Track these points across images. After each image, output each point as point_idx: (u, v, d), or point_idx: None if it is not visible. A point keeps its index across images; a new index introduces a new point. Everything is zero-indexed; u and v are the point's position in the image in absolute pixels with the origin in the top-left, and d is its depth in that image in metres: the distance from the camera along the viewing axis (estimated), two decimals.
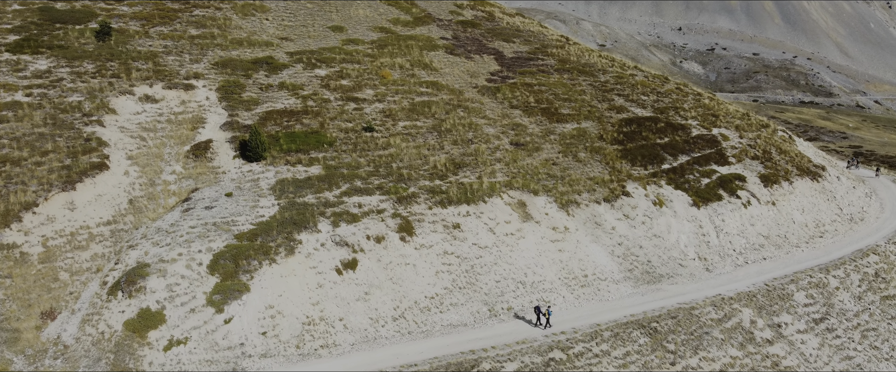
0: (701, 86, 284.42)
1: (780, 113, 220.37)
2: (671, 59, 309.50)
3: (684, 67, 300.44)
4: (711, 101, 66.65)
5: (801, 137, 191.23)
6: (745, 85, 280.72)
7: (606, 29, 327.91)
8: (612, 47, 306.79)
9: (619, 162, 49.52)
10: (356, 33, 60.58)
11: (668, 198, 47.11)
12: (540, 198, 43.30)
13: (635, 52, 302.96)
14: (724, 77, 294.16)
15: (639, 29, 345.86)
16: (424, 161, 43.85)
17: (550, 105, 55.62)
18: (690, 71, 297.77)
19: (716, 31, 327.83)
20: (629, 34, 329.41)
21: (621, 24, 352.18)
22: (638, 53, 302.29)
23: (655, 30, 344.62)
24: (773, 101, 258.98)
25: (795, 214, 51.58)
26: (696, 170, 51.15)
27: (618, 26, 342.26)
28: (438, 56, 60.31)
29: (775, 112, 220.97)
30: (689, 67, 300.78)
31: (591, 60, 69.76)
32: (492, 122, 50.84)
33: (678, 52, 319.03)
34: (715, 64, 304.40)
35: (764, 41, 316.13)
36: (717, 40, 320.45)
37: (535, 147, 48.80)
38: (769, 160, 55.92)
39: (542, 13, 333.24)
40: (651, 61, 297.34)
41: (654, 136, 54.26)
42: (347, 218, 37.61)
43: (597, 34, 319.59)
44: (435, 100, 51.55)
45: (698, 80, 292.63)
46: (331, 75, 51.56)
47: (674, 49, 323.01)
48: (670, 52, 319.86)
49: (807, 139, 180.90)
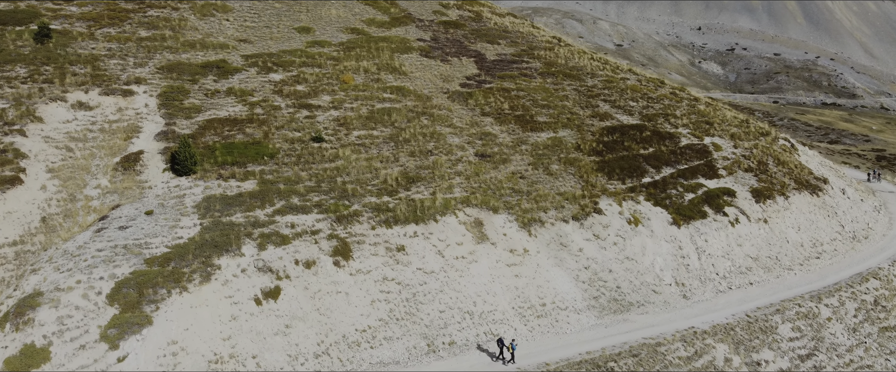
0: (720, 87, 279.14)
1: (800, 114, 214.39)
2: (690, 59, 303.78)
3: (703, 68, 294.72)
4: (707, 107, 62.27)
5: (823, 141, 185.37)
6: (766, 86, 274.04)
7: (624, 28, 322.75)
8: (630, 47, 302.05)
9: (595, 175, 45.49)
10: (324, 35, 57.10)
11: (646, 215, 43.01)
12: (499, 216, 39.45)
13: (653, 52, 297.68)
14: (744, 78, 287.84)
15: (657, 28, 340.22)
16: (374, 175, 40.21)
17: (526, 112, 51.70)
18: (709, 71, 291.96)
19: (736, 31, 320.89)
20: (647, 34, 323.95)
21: (639, 23, 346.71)
22: (656, 53, 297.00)
23: (674, 29, 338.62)
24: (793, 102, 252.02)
25: (790, 232, 47.19)
26: (681, 184, 46.96)
27: (636, 26, 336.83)
28: (411, 59, 56.63)
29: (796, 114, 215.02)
30: (708, 68, 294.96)
31: (581, 63, 65.69)
32: (458, 131, 47.07)
33: (697, 53, 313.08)
34: (734, 64, 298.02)
35: (786, 41, 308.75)
36: (738, 40, 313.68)
37: (502, 159, 44.95)
38: (764, 172, 51.53)
39: (559, 13, 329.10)
40: (669, 61, 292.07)
41: (637, 147, 50.13)
42: (276, 240, 34.07)
43: (614, 34, 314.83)
44: (397, 107, 47.87)
45: (717, 80, 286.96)
46: (286, 80, 48.10)
47: (693, 49, 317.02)
48: (689, 52, 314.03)
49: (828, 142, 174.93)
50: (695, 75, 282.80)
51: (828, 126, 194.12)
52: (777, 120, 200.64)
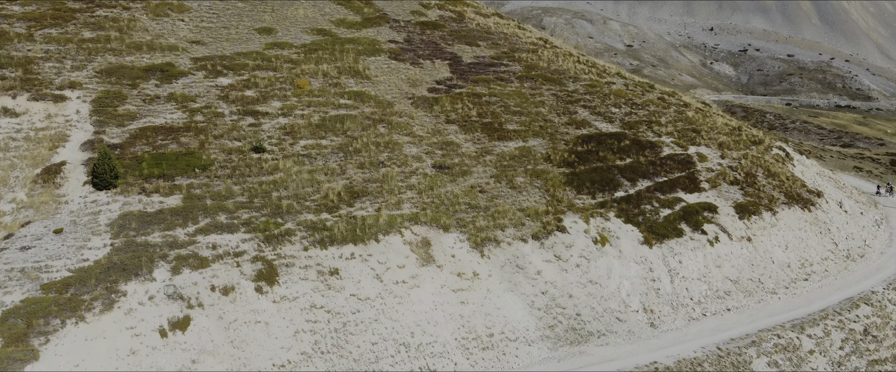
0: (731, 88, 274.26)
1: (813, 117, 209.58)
2: (701, 60, 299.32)
3: (715, 69, 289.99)
4: (697, 114, 58.59)
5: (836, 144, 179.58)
6: (778, 88, 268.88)
7: (635, 29, 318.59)
8: (640, 48, 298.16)
9: (563, 189, 42.05)
10: (286, 36, 53.99)
11: (615, 234, 39.52)
12: (450, 235, 36.13)
13: (664, 52, 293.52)
14: (756, 79, 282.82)
15: (669, 29, 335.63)
16: (316, 189, 37.02)
17: (496, 119, 48.33)
18: (721, 73, 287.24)
19: (749, 32, 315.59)
20: (658, 34, 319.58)
21: (651, 23, 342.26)
22: (666, 54, 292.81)
23: (686, 30, 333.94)
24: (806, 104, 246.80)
25: (776, 251, 43.51)
26: (657, 198, 43.41)
27: (647, 26, 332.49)
28: (378, 62, 53.41)
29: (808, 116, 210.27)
30: (719, 69, 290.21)
31: (565, 66, 62.19)
32: (417, 140, 43.79)
33: (709, 53, 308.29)
34: (747, 65, 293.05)
35: (799, 42, 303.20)
36: (750, 41, 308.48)
37: (462, 171, 41.63)
38: (752, 185, 47.86)
39: (569, 13, 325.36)
40: (680, 62, 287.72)
41: (613, 157, 46.62)
42: (194, 263, 30.96)
43: (624, 34, 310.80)
44: (353, 114, 44.66)
45: (729, 82, 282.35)
46: (235, 85, 45.03)
47: (704, 50, 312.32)
48: (701, 53, 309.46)
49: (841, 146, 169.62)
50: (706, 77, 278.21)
51: (841, 129, 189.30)
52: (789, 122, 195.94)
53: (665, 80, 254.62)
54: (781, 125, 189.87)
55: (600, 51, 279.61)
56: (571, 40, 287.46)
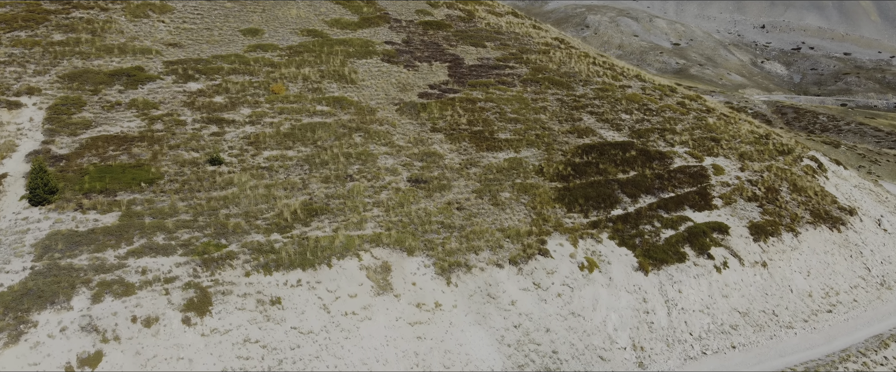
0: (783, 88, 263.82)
1: (870, 118, 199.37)
2: (751, 58, 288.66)
3: (765, 68, 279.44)
4: (719, 120, 53.66)
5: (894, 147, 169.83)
6: (833, 87, 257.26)
7: (682, 27, 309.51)
8: (687, 46, 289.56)
9: (552, 206, 37.98)
10: (273, 38, 51.04)
11: (606, 258, 35.30)
12: (414, 259, 32.47)
13: (712, 51, 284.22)
14: (810, 79, 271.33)
15: (717, 27, 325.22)
16: (271, 206, 33.80)
17: (487, 127, 44.46)
18: (772, 72, 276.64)
19: (803, 29, 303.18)
20: (707, 32, 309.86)
21: (699, 21, 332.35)
22: (715, 53, 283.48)
23: (736, 28, 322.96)
24: (863, 105, 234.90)
25: (796, 278, 38.65)
26: (660, 217, 38.99)
27: (695, 24, 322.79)
28: (368, 65, 50.02)
29: (865, 118, 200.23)
30: (770, 68, 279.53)
31: (577, 68, 57.88)
32: (396, 151, 40.25)
33: (759, 52, 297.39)
34: (800, 64, 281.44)
35: (857, 40, 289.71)
36: (804, 39, 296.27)
37: (441, 185, 37.93)
38: (773, 202, 42.98)
39: (614, 10, 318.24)
40: (729, 61, 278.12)
41: (614, 170, 42.31)
42: (118, 289, 28.03)
43: (671, 32, 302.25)
44: (328, 122, 41.36)
45: (781, 81, 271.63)
46: (205, 90, 42.18)
47: (755, 48, 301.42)
48: (751, 51, 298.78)
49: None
50: (756, 76, 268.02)
51: None
52: (843, 124, 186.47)
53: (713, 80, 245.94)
54: (835, 127, 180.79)
55: (646, 49, 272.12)
56: (616, 39, 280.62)
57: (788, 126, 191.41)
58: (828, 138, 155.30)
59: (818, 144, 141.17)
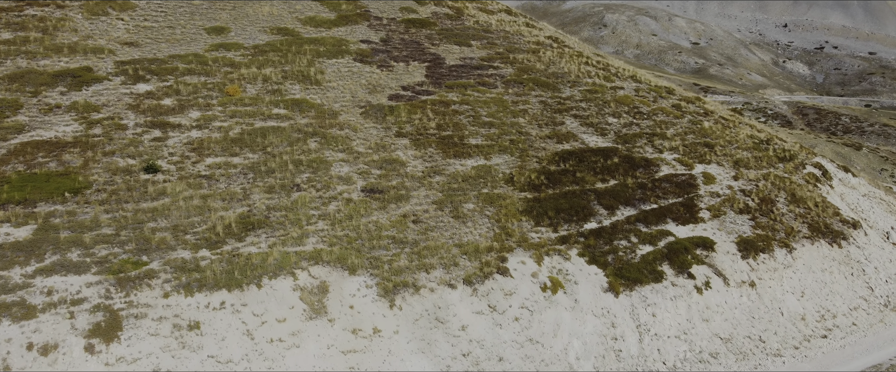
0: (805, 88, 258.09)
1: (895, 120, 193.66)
2: (773, 58, 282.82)
3: (787, 68, 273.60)
4: (716, 124, 50.16)
5: None
6: (857, 88, 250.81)
7: (701, 26, 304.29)
8: (707, 46, 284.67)
9: (518, 219, 34.87)
10: (240, 36, 48.43)
11: (573, 278, 32.11)
12: (356, 278, 29.55)
13: (732, 50, 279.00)
14: (833, 79, 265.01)
15: (738, 26, 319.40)
16: (204, 218, 31.07)
17: (458, 132, 41.45)
18: (794, 72, 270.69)
19: (826, 28, 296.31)
20: (727, 31, 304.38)
21: (719, 20, 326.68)
22: (735, 52, 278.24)
23: (757, 27, 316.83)
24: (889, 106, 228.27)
25: (788, 300, 35.19)
26: (638, 232, 35.70)
27: (715, 23, 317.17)
28: (338, 65, 47.22)
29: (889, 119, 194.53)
30: (792, 68, 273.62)
31: (566, 68, 54.65)
32: (354, 158, 37.37)
33: (781, 51, 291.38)
34: (823, 64, 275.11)
35: (883, 39, 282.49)
36: (828, 38, 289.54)
37: (398, 195, 34.98)
38: (767, 214, 39.51)
39: (633, 9, 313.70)
40: (750, 61, 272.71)
41: (593, 179, 39.09)
42: (18, 312, 25.42)
43: (690, 31, 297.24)
44: (283, 126, 38.60)
45: (803, 81, 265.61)
46: (155, 92, 39.62)
47: (777, 48, 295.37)
48: (773, 50, 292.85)
49: None
50: (777, 76, 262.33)
51: None
52: (867, 125, 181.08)
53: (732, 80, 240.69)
54: (858, 128, 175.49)
55: (664, 49, 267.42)
56: (634, 38, 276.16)
57: (809, 127, 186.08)
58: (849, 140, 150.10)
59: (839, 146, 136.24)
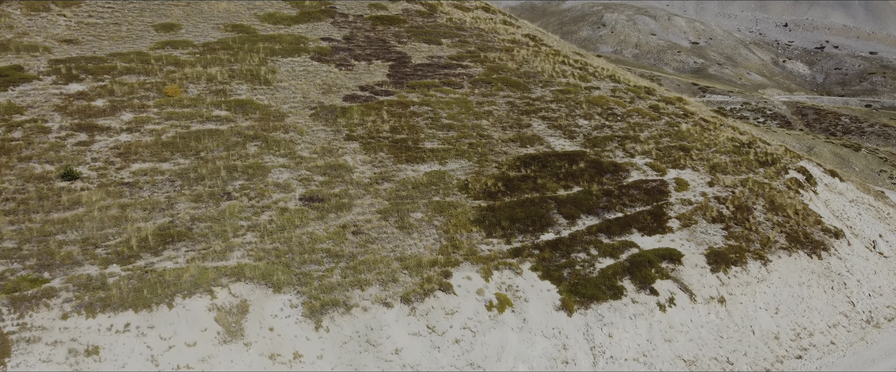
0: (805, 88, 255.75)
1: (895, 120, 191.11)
2: (773, 58, 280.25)
3: (787, 67, 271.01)
4: (694, 127, 47.55)
5: None
6: (858, 88, 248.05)
7: (701, 25, 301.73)
8: (706, 45, 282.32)
9: (468, 229, 32.28)
10: (191, 34, 45.93)
11: (523, 295, 29.53)
12: (281, 297, 27.00)
13: (732, 50, 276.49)
14: (834, 78, 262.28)
15: (739, 25, 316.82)
16: (120, 231, 28.54)
17: (413, 135, 38.89)
18: (794, 71, 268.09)
19: (827, 28, 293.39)
20: (727, 31, 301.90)
21: (719, 19, 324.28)
22: (735, 52, 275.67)
23: (757, 26, 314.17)
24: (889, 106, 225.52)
25: (761, 317, 32.56)
26: (599, 243, 33.09)
27: (715, 22, 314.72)
28: (293, 64, 44.69)
29: (890, 119, 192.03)
30: (792, 67, 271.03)
31: (540, 67, 52.08)
32: (296, 163, 34.84)
33: (782, 51, 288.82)
34: (823, 64, 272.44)
35: (884, 38, 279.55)
36: (828, 38, 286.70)
37: (340, 204, 32.43)
38: (743, 223, 36.89)
39: (632, 8, 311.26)
40: (749, 61, 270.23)
41: (555, 185, 36.50)
42: None
43: (690, 31, 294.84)
44: (222, 129, 36.07)
45: (803, 81, 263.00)
46: (87, 92, 37.14)
47: (777, 47, 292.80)
48: (773, 50, 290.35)
49: None
50: (777, 76, 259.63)
51: None
52: (866, 126, 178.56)
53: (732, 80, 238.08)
54: (858, 129, 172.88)
55: (663, 48, 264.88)
56: (633, 38, 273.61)
57: (809, 128, 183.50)
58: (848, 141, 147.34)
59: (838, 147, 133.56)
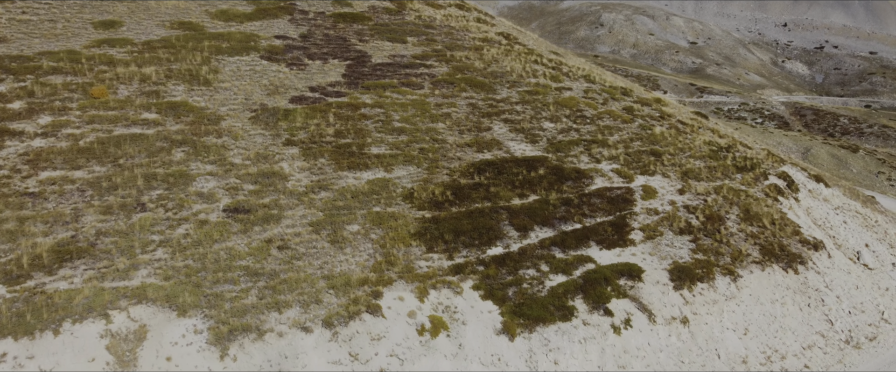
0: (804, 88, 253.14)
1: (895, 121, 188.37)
2: (772, 58, 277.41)
3: (786, 68, 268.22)
4: (670, 129, 44.79)
5: None
6: (858, 88, 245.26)
7: (700, 25, 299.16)
8: (705, 45, 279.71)
9: (407, 244, 29.54)
10: (133, 31, 43.29)
11: (461, 317, 26.78)
12: (185, 321, 24.27)
13: (730, 50, 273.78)
14: (833, 79, 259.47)
15: (737, 25, 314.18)
16: (13, 247, 25.86)
17: (359, 139, 36.16)
18: (793, 72, 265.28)
19: (827, 28, 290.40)
20: (726, 31, 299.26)
21: (718, 19, 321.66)
22: (733, 52, 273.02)
23: (757, 26, 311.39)
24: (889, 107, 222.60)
25: (728, 338, 29.78)
26: (551, 258, 30.33)
27: (714, 22, 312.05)
28: (240, 63, 42.01)
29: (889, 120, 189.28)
30: (791, 68, 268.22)
31: (509, 67, 49.36)
32: (225, 170, 32.13)
33: (781, 51, 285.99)
34: (823, 64, 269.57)
35: (884, 38, 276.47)
36: (828, 38, 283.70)
37: (268, 215, 29.71)
38: (713, 235, 34.10)
39: (630, 8, 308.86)
40: (748, 61, 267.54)
41: (509, 194, 33.75)
42: None
43: (688, 31, 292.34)
44: (148, 133, 33.38)
45: (802, 81, 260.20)
46: (6, 93, 34.45)
47: (776, 47, 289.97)
48: (772, 50, 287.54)
49: None
50: (776, 76, 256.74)
51: None
52: (865, 127, 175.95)
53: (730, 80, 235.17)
54: (856, 130, 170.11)
55: (661, 48, 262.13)
56: (631, 37, 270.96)
57: (807, 128, 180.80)
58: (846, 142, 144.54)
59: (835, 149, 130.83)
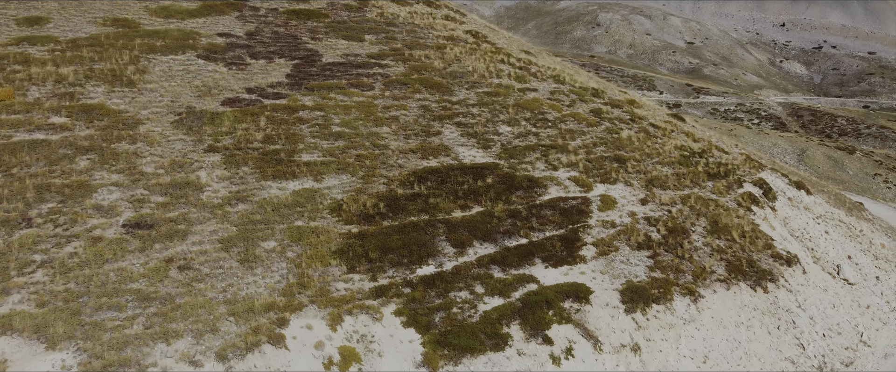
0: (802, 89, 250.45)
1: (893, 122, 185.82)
2: (770, 58, 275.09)
3: (784, 68, 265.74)
4: (639, 133, 41.79)
5: None
6: (856, 88, 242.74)
7: (697, 25, 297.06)
8: (702, 45, 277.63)
9: (326, 263, 26.52)
10: (60, 29, 40.37)
11: (377, 348, 23.76)
12: (53, 354, 21.26)
13: (728, 50, 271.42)
14: (831, 79, 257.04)
15: (735, 25, 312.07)
16: None
17: (290, 145, 33.17)
18: (791, 72, 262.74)
19: (825, 28, 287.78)
20: (723, 31, 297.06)
21: (716, 19, 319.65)
22: (731, 52, 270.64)
23: (754, 26, 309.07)
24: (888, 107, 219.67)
25: (684, 366, 26.76)
26: (488, 278, 27.31)
27: (711, 22, 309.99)
28: (173, 62, 39.07)
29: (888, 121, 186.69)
30: (789, 68, 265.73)
31: (470, 68, 46.38)
32: (133, 180, 29.15)
33: (779, 51, 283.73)
34: (821, 64, 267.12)
35: (883, 38, 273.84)
36: (826, 38, 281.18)
37: (173, 231, 26.72)
38: (675, 249, 31.09)
39: (627, 8, 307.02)
40: (746, 61, 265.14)
41: (451, 205, 30.75)
42: None
43: (685, 31, 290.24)
44: (53, 139, 30.43)
45: (800, 82, 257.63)
46: None
47: (774, 47, 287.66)
48: (770, 50, 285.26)
49: None
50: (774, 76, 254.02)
51: None
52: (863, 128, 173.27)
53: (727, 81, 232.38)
54: (854, 131, 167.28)
55: (658, 49, 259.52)
56: (628, 38, 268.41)
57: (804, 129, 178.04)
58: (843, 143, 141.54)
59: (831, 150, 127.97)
